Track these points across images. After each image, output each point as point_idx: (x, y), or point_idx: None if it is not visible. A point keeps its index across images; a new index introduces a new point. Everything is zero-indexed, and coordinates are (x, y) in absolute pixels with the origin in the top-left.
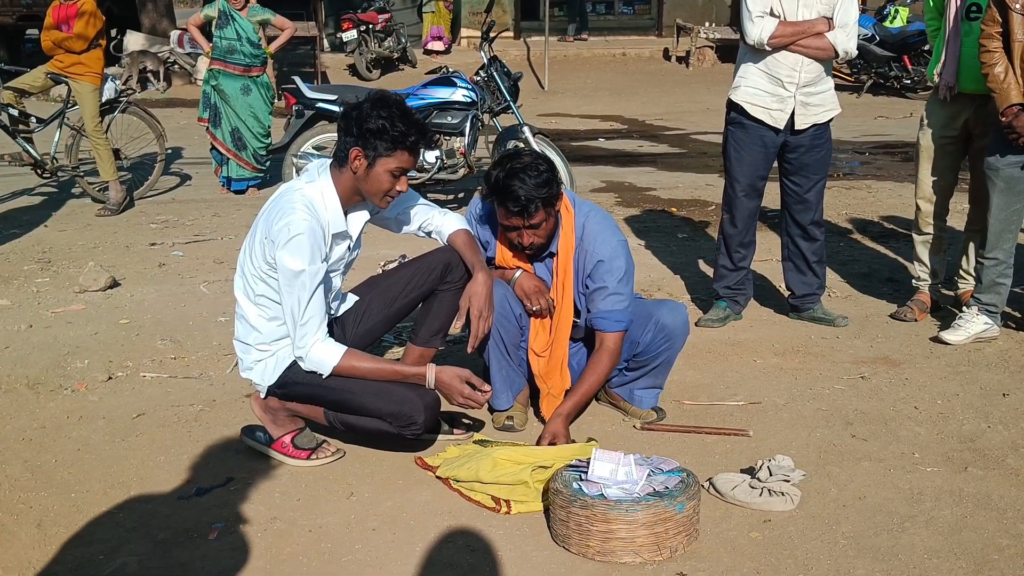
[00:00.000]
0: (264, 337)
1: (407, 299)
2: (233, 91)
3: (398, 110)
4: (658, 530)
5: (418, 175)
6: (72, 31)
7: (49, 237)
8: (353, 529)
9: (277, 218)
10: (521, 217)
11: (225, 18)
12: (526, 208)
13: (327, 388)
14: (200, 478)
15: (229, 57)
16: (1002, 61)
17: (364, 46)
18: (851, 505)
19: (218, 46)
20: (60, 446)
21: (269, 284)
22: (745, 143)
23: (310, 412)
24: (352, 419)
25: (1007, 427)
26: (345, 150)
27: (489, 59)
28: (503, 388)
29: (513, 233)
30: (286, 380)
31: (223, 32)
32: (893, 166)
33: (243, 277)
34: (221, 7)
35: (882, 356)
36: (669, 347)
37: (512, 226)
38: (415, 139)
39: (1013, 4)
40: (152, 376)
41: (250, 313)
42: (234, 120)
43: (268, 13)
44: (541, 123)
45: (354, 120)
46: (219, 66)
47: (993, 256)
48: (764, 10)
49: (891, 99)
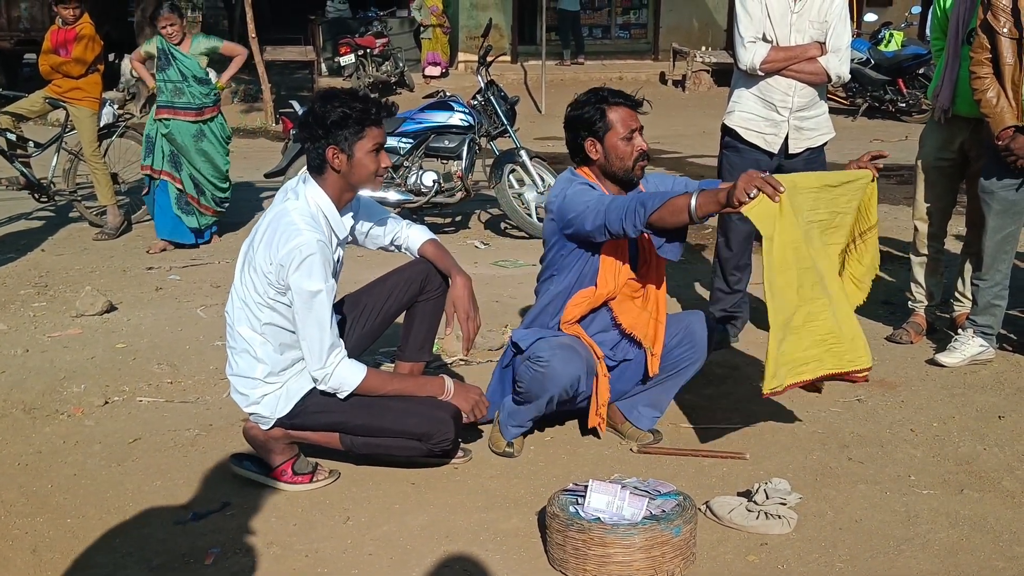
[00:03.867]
0: (272, 367)
1: (388, 313)
2: (186, 140)
3: (347, 95)
4: (655, 554)
5: (415, 199)
6: (71, 55)
7: (46, 261)
8: (350, 554)
9: (282, 242)
10: (636, 109)
11: (165, 58)
12: (640, 102)
13: (350, 414)
14: (196, 503)
15: (177, 101)
16: (993, 86)
17: (362, 70)
18: (847, 528)
19: (163, 90)
20: (56, 471)
21: (277, 311)
22: (740, 167)
23: (323, 439)
24: (376, 442)
25: (1003, 449)
26: (319, 155)
27: (486, 83)
28: (515, 423)
29: (634, 138)
30: (302, 409)
31: (166, 74)
32: (888, 189)
33: (245, 308)
34: (160, 45)
35: (878, 378)
36: (691, 360)
37: (633, 128)
38: (376, 111)
39: (1000, 28)
40: (148, 401)
41: (256, 345)
42: (188, 168)
43: (214, 41)
44: (538, 147)
45: (315, 123)
46: (167, 114)
47: (988, 278)
48: (756, 35)
49: (886, 122)
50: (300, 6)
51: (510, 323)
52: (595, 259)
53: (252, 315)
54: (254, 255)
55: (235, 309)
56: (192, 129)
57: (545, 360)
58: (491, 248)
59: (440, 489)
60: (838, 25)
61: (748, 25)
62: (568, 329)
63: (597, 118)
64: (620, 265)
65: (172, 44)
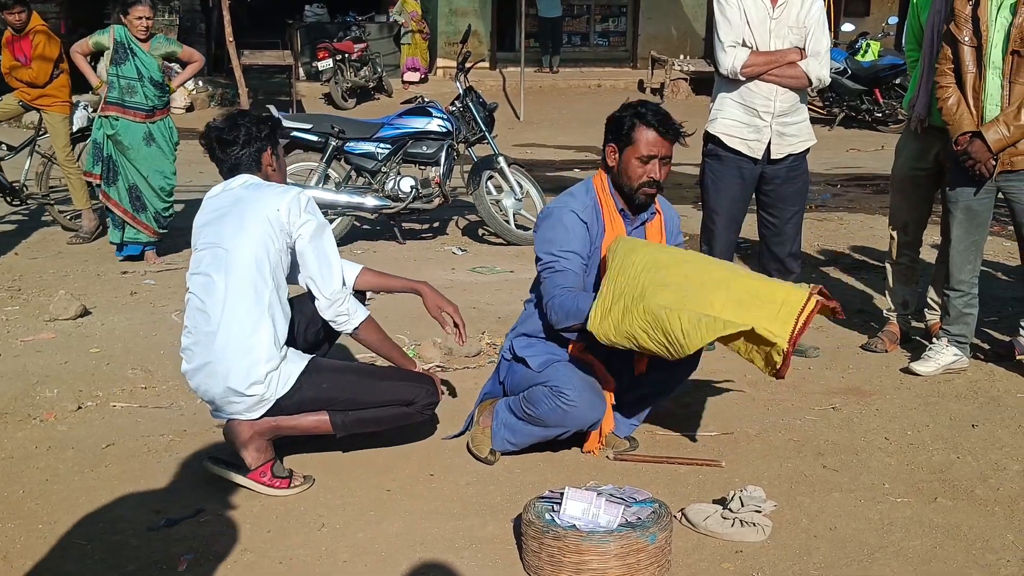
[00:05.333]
0: (276, 348)
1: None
2: (134, 141)
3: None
4: (630, 561)
5: (393, 204)
6: (31, 61)
7: (20, 265)
8: (324, 561)
9: (282, 192)
10: (670, 139)
11: (124, 52)
12: (674, 132)
13: (340, 389)
14: (170, 509)
15: (128, 100)
16: (955, 94)
17: (340, 75)
18: (822, 536)
19: (114, 86)
20: (28, 476)
21: (280, 271)
22: (723, 175)
23: (313, 424)
24: (367, 414)
25: (976, 458)
26: (255, 158)
27: (465, 89)
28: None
29: (650, 164)
30: (297, 389)
31: (120, 69)
32: (865, 198)
33: (240, 284)
34: (119, 37)
35: (853, 387)
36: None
37: (653, 155)
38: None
39: (961, 38)
40: (122, 406)
41: (253, 320)
42: (133, 176)
43: (174, 45)
44: (516, 153)
45: (242, 138)
46: (115, 112)
47: (956, 288)
48: (736, 40)
49: (863, 132)
50: (278, 10)
51: (487, 329)
52: (590, 274)
53: (251, 286)
54: (258, 211)
55: (222, 286)
56: (140, 131)
57: (572, 400)
58: (469, 254)
59: (416, 496)
60: (816, 30)
61: (728, 30)
62: (579, 354)
63: (626, 129)
64: None
65: (136, 40)
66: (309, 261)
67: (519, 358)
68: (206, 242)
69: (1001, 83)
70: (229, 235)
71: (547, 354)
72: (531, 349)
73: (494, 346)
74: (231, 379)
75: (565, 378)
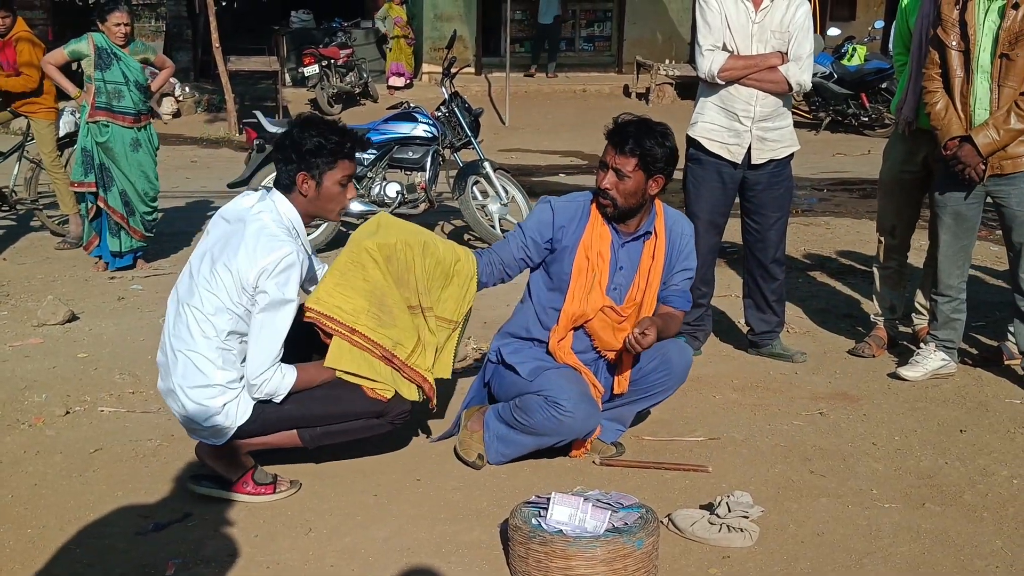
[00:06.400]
0: (235, 374)
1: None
2: (122, 148)
3: (325, 125)
4: (617, 567)
5: (379, 209)
6: (16, 66)
7: (8, 270)
8: (311, 565)
9: (267, 250)
10: (616, 149)
11: (108, 57)
12: (624, 142)
13: (307, 407)
14: (157, 513)
15: (116, 104)
16: (942, 99)
17: (325, 81)
18: (809, 541)
19: (101, 91)
20: (16, 481)
21: (244, 320)
22: (703, 179)
23: (283, 440)
24: (336, 428)
25: (964, 463)
26: (290, 177)
27: (450, 94)
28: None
29: (601, 172)
30: (259, 414)
31: (106, 74)
32: (851, 203)
33: (200, 315)
34: (100, 43)
35: (840, 392)
36: (664, 387)
37: (605, 163)
38: (351, 145)
39: (949, 42)
40: (110, 411)
41: (214, 352)
42: (122, 181)
43: (149, 51)
44: (502, 158)
45: (290, 147)
46: (105, 117)
47: (944, 293)
48: (716, 44)
49: (849, 136)
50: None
51: (473, 334)
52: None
53: (212, 323)
54: (230, 260)
55: (199, 322)
56: (129, 137)
57: (569, 411)
58: None
59: (402, 500)
60: (799, 34)
61: (707, 34)
62: (563, 355)
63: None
64: (590, 289)
65: (116, 45)
66: (252, 329)
67: (508, 364)
68: (198, 254)
69: (990, 87)
70: (207, 268)
71: (535, 360)
72: (518, 355)
73: (480, 351)
74: (188, 410)
75: (559, 388)
